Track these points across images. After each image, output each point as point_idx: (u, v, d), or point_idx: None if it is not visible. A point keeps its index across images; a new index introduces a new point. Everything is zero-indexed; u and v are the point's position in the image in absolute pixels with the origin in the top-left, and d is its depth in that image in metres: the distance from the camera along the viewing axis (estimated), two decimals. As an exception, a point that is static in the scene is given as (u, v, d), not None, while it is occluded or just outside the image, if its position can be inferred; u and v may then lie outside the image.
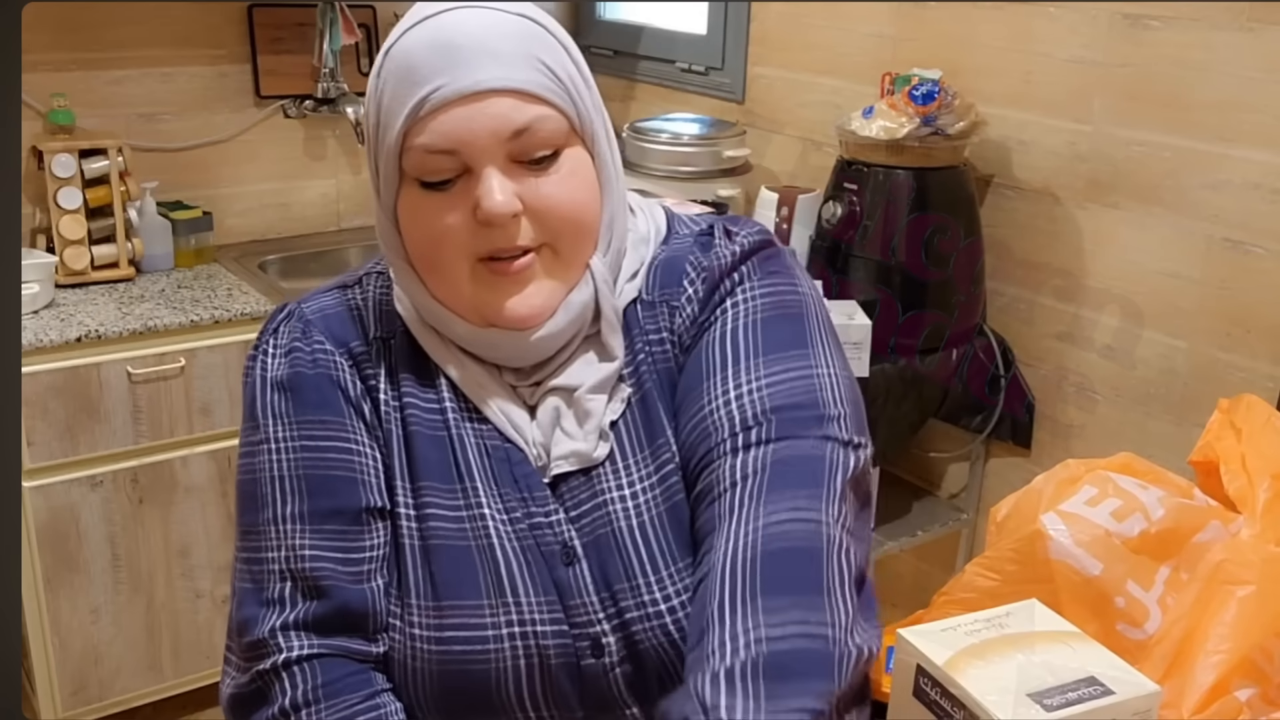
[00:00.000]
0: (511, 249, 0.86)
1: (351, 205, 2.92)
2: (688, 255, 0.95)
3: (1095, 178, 1.95)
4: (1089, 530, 0.85)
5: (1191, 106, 1.79)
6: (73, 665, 2.25)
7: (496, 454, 0.90)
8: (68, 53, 2.47)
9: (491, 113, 0.82)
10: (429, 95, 0.82)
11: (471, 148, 0.83)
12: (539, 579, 0.87)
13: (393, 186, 0.87)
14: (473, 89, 0.82)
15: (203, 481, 2.30)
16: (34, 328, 2.12)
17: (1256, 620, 0.79)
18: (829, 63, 2.40)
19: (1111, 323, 1.98)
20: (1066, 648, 0.74)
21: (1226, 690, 0.78)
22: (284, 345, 0.93)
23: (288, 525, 0.89)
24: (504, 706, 0.87)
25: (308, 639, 0.88)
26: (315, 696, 0.86)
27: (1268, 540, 0.82)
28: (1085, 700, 0.69)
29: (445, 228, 0.85)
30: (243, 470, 0.93)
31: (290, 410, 0.91)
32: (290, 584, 0.89)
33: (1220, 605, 0.80)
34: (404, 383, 0.93)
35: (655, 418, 0.90)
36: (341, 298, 0.97)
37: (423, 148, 0.83)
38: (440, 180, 0.84)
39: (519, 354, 0.90)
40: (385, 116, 0.85)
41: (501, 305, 0.87)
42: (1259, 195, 1.73)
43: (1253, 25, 1.70)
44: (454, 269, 0.87)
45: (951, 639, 0.73)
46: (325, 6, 2.66)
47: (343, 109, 2.74)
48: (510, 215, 0.84)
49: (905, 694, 0.74)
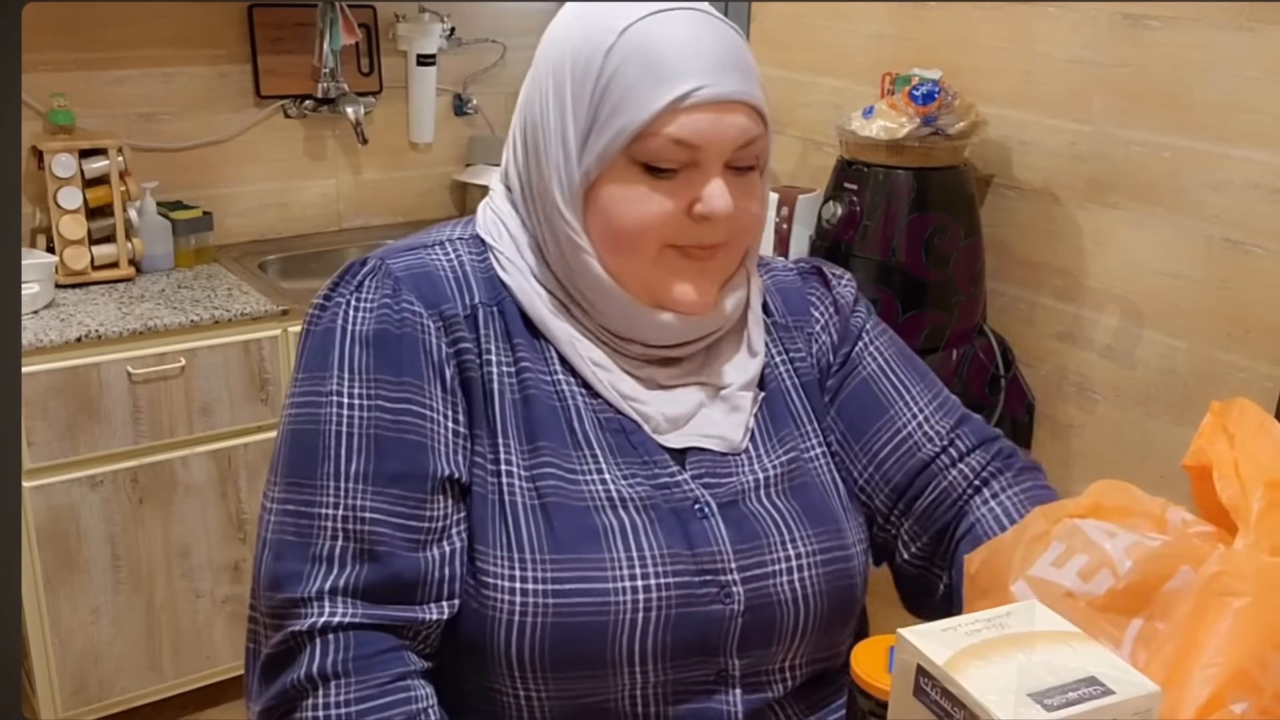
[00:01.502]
0: (707, 243, 0.93)
1: (351, 205, 2.92)
2: (806, 289, 1.09)
3: (1095, 178, 1.95)
4: (1056, 595, 0.85)
5: (1191, 106, 1.79)
6: (73, 665, 2.25)
7: (610, 425, 0.95)
8: (68, 53, 2.47)
9: (735, 122, 0.90)
10: (692, 91, 0.88)
11: (712, 149, 0.89)
12: (666, 533, 0.91)
13: (604, 164, 0.90)
14: (729, 96, 0.89)
15: (203, 481, 2.30)
16: (34, 328, 2.12)
17: (1252, 631, 0.78)
18: (829, 63, 2.40)
19: (1111, 323, 1.98)
20: (1067, 648, 0.74)
21: (1222, 704, 0.77)
22: (371, 301, 0.93)
23: (350, 483, 0.88)
24: (615, 660, 0.88)
25: (351, 606, 0.86)
26: (346, 669, 0.85)
27: (1262, 550, 0.82)
28: (1086, 700, 0.69)
29: (656, 213, 0.91)
30: (299, 419, 0.91)
31: (370, 367, 0.90)
32: (343, 543, 0.87)
33: (1215, 617, 0.80)
34: (518, 348, 0.95)
35: (780, 415, 1.02)
36: (428, 258, 0.97)
37: (670, 138, 0.88)
38: (668, 169, 0.90)
39: (674, 335, 0.96)
40: (620, 96, 0.89)
41: (679, 291, 0.93)
42: (1259, 195, 1.74)
43: (1253, 25, 1.70)
44: (646, 250, 0.92)
45: (952, 639, 0.73)
46: (325, 6, 2.66)
47: (343, 109, 2.74)
48: (727, 216, 0.91)
49: (905, 694, 0.74)
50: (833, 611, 0.96)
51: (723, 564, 0.92)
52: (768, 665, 0.95)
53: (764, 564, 0.93)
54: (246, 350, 2.28)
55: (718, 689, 0.93)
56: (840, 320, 1.08)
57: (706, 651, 0.91)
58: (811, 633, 0.96)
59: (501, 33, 2.99)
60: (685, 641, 0.90)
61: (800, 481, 0.99)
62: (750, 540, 0.94)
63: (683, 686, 0.92)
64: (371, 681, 0.85)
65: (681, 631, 0.90)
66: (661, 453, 0.95)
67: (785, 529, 0.95)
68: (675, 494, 0.93)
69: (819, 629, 0.96)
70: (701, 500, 0.94)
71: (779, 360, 1.04)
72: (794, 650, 0.96)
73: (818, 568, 0.95)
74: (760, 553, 0.93)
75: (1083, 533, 0.87)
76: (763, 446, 0.99)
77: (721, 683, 0.93)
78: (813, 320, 1.07)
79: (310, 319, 0.94)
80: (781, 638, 0.94)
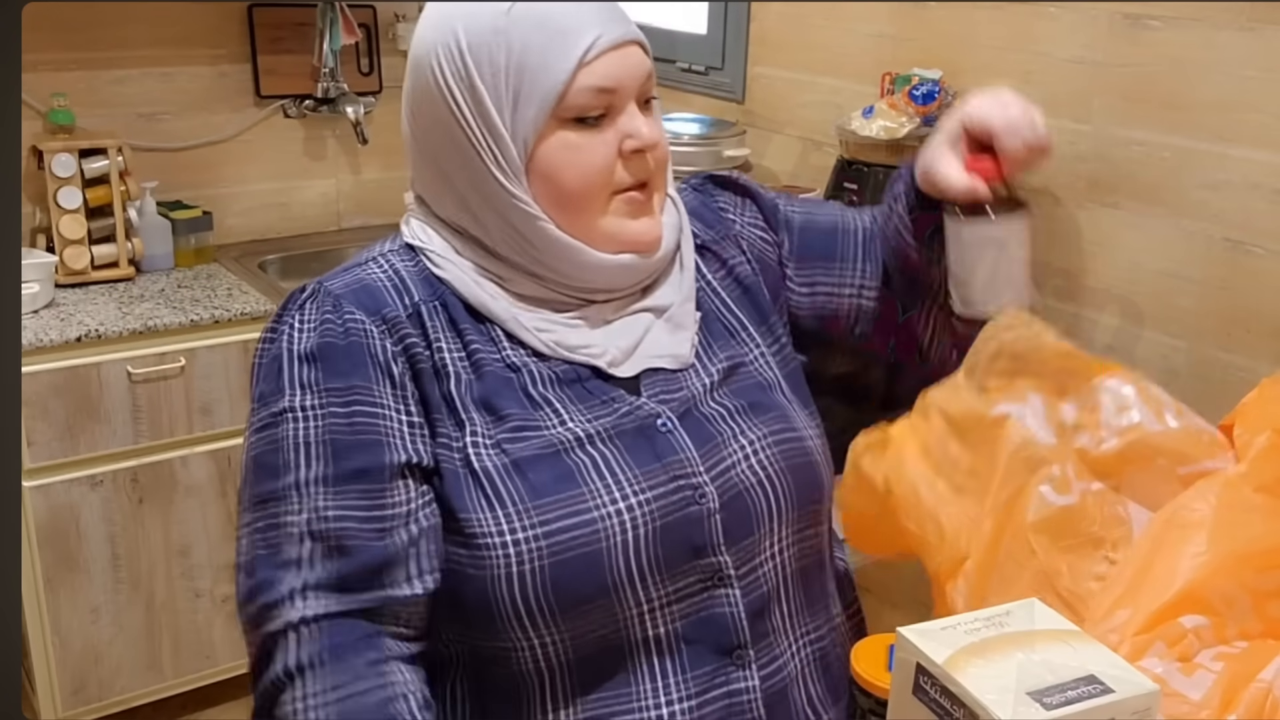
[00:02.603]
0: (644, 179, 0.99)
1: (351, 205, 2.92)
2: (709, 201, 1.15)
3: (1095, 178, 1.95)
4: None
5: (1191, 106, 1.79)
6: (73, 665, 2.25)
7: (567, 377, 0.99)
8: (68, 53, 2.47)
9: (635, 60, 0.97)
10: (596, 40, 0.94)
11: (626, 88, 0.96)
12: (635, 454, 0.96)
13: (537, 130, 0.95)
14: (624, 39, 0.96)
15: (203, 481, 2.30)
16: (34, 328, 2.12)
17: (1209, 556, 0.81)
18: (829, 63, 2.40)
19: (1111, 323, 1.98)
20: (1066, 646, 0.74)
21: (1173, 616, 0.79)
22: (313, 320, 0.96)
23: (311, 489, 0.90)
24: (615, 585, 0.92)
25: (323, 599, 0.88)
26: (320, 659, 0.86)
27: (1248, 484, 0.84)
28: (1085, 699, 0.69)
29: (598, 162, 0.97)
30: (258, 444, 0.93)
31: (318, 379, 0.93)
32: (311, 545, 0.89)
33: (1176, 539, 0.83)
34: (465, 333, 0.99)
35: (717, 333, 1.07)
36: (364, 274, 1.00)
37: (593, 88, 0.94)
38: (596, 116, 0.96)
39: (639, 275, 1.02)
40: (534, 64, 0.94)
41: (636, 231, 1.00)
42: (1259, 195, 1.74)
43: (1253, 25, 1.70)
44: (597, 202, 0.98)
45: (951, 637, 0.74)
46: (325, 6, 2.66)
47: (343, 109, 2.74)
48: (655, 145, 0.98)
49: (905, 693, 0.74)
50: (799, 489, 1.01)
51: (691, 468, 0.97)
52: (757, 556, 0.99)
53: (723, 459, 0.98)
54: (246, 350, 2.28)
55: (717, 589, 0.96)
56: (754, 203, 1.16)
57: (696, 553, 0.95)
58: (785, 511, 1.00)
59: (501, 33, 2.98)
60: (675, 548, 0.94)
61: (740, 383, 1.04)
62: (709, 441, 0.99)
63: (684, 595, 0.95)
64: (346, 669, 0.86)
65: (669, 540, 0.94)
66: (617, 389, 0.99)
67: (734, 423, 1.01)
68: (638, 415, 0.98)
69: (790, 505, 1.01)
70: (662, 415, 0.99)
71: (705, 283, 1.09)
72: (776, 535, 1.00)
73: (771, 449, 1.00)
74: (719, 450, 0.99)
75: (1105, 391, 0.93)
76: (704, 358, 1.04)
77: (719, 583, 0.96)
78: (729, 223, 1.14)
79: (259, 351, 0.98)
80: (759, 522, 0.99)
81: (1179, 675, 0.78)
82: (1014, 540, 0.89)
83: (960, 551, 0.91)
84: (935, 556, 0.92)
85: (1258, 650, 0.79)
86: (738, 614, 0.97)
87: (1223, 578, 0.81)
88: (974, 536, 0.91)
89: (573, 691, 0.94)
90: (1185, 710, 0.76)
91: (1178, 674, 0.78)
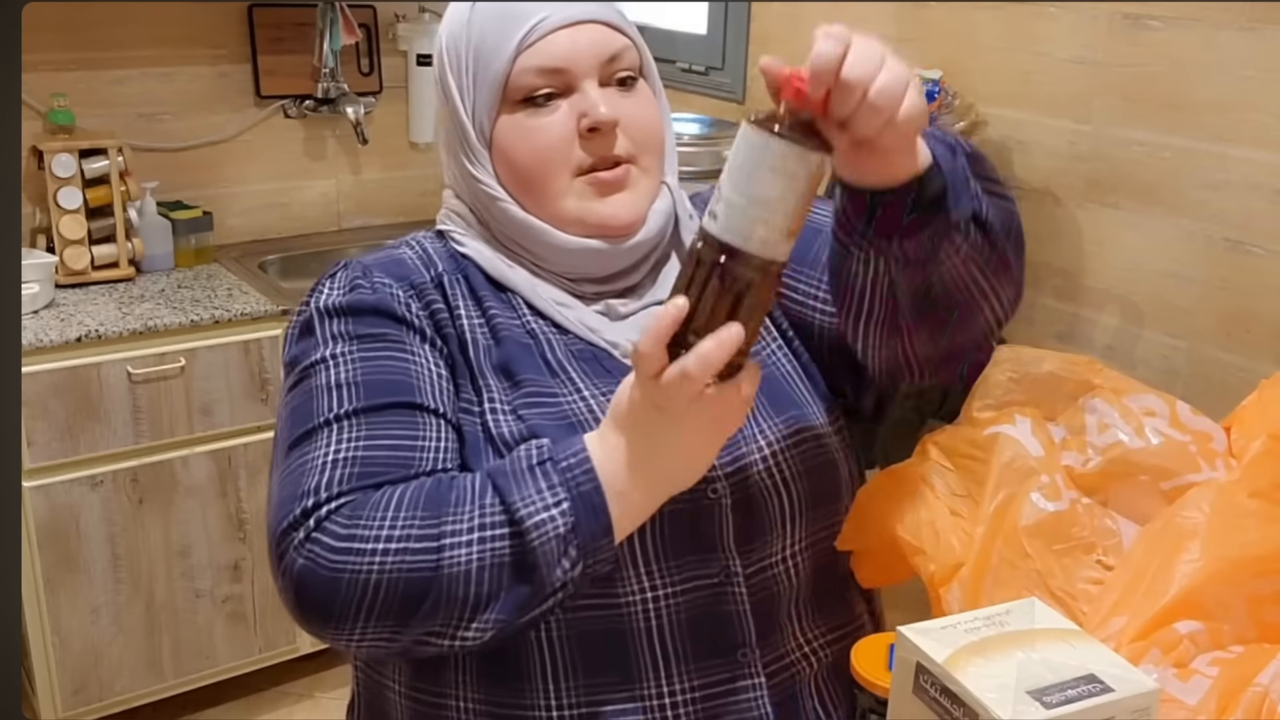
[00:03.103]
0: (610, 158, 0.98)
1: (351, 205, 2.92)
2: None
3: (1095, 178, 1.95)
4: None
5: (1191, 106, 1.79)
6: (73, 665, 2.25)
7: (584, 354, 0.99)
8: (68, 53, 2.47)
9: (591, 38, 0.97)
10: (539, 23, 0.96)
11: (577, 66, 0.96)
12: None
13: (491, 115, 0.98)
14: (575, 18, 0.97)
15: (203, 481, 2.30)
16: (34, 328, 2.12)
17: (1204, 562, 0.81)
18: (829, 63, 2.39)
19: (1111, 323, 1.98)
20: (1066, 645, 0.74)
21: (1168, 622, 0.79)
22: (343, 285, 0.99)
23: (343, 422, 0.90)
24: (620, 570, 0.91)
25: (345, 484, 0.86)
26: (353, 514, 0.84)
27: (1243, 489, 0.84)
28: (1085, 698, 0.69)
29: (551, 142, 0.97)
30: (292, 399, 0.94)
31: (348, 329, 0.96)
32: (339, 468, 0.87)
33: (1171, 545, 0.83)
34: (485, 300, 1.00)
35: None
36: (394, 252, 1.04)
37: (535, 69, 0.96)
38: (546, 95, 0.96)
39: (613, 261, 1.00)
40: (486, 51, 0.97)
41: (604, 214, 0.98)
42: (1259, 195, 1.74)
43: (1253, 25, 1.70)
44: (557, 183, 0.98)
45: (951, 637, 0.74)
46: (325, 6, 2.66)
47: (343, 109, 2.74)
48: (613, 122, 0.96)
49: (905, 691, 0.74)
50: (817, 492, 0.99)
51: None
52: (768, 558, 0.97)
53: (740, 456, 0.97)
54: (246, 350, 2.28)
55: (723, 587, 0.95)
56: None
57: (706, 548, 0.94)
58: (801, 514, 0.98)
59: (501, 33, 2.99)
60: (683, 540, 0.93)
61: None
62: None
63: (689, 588, 0.94)
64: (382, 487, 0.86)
65: (677, 529, 0.93)
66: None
67: (751, 419, 0.98)
68: None
69: (806, 508, 0.99)
70: None
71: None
72: (789, 536, 0.98)
73: (790, 451, 0.99)
74: (735, 446, 0.96)
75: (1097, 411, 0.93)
76: None
77: (728, 582, 0.95)
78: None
79: (293, 323, 1.01)
80: (773, 524, 0.97)
81: (1175, 681, 0.78)
82: (1007, 544, 0.90)
83: (955, 558, 0.91)
84: (930, 563, 0.92)
85: (1254, 655, 0.79)
86: (743, 613, 0.95)
87: (1218, 584, 0.81)
88: (967, 542, 0.91)
89: (575, 671, 0.93)
90: (1182, 715, 0.76)
91: (1174, 680, 0.78)
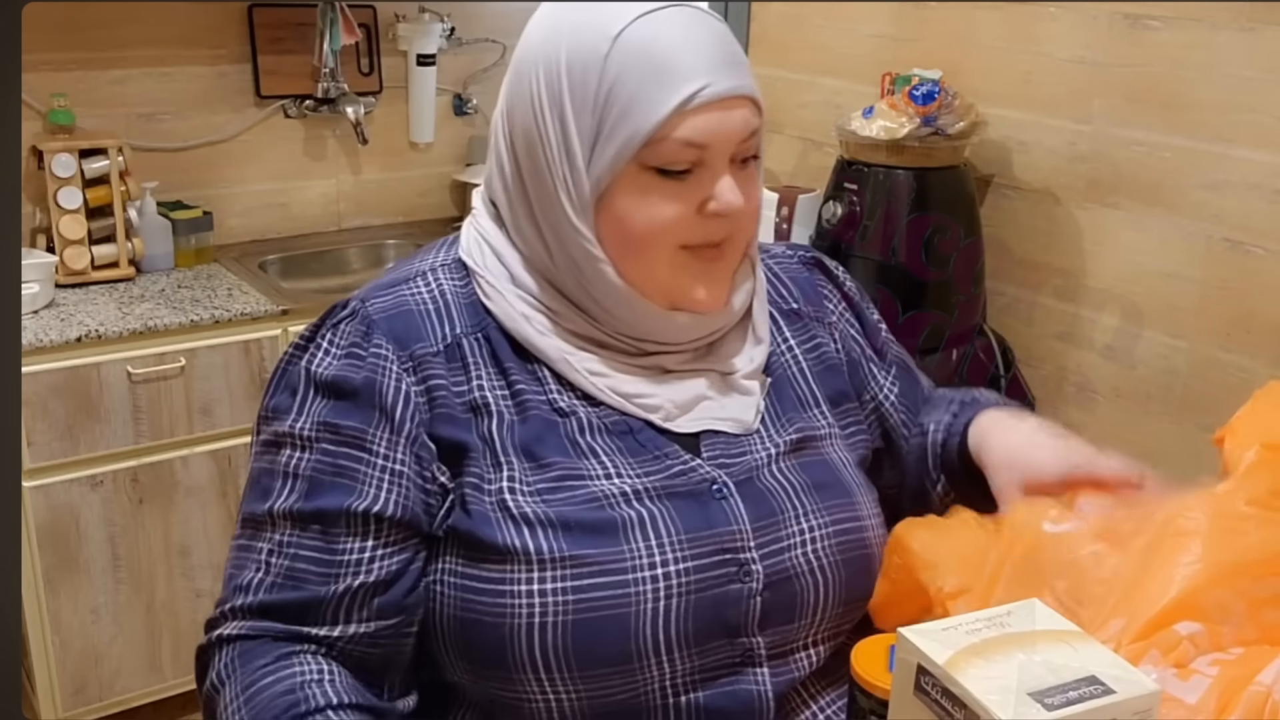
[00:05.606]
0: (717, 240, 0.93)
1: (351, 205, 2.92)
2: (815, 280, 1.12)
3: (1095, 178, 1.96)
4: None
5: (1191, 106, 1.80)
6: (73, 665, 2.25)
7: (617, 428, 0.95)
8: (68, 53, 2.47)
9: (739, 117, 0.90)
10: (698, 92, 0.88)
11: (719, 146, 0.90)
12: (684, 517, 0.92)
13: (615, 169, 0.90)
14: (731, 93, 0.89)
15: (203, 481, 2.30)
16: (34, 328, 2.12)
17: (1203, 564, 0.81)
18: (829, 63, 2.40)
19: (1111, 323, 1.98)
20: (1067, 647, 0.74)
21: (1168, 624, 0.80)
22: (342, 346, 0.94)
23: (281, 520, 0.91)
24: (640, 652, 0.88)
25: (249, 622, 0.90)
26: (232, 668, 0.89)
27: (1239, 499, 0.85)
28: (1086, 699, 0.69)
29: (669, 214, 0.91)
30: (260, 459, 0.94)
31: (324, 415, 0.92)
32: (263, 574, 0.91)
33: (1170, 550, 0.83)
34: (510, 372, 0.95)
35: (787, 399, 1.03)
36: (408, 294, 0.97)
37: (681, 140, 0.88)
38: (679, 170, 0.90)
39: (689, 333, 0.97)
40: (627, 100, 0.88)
41: (695, 292, 0.94)
42: (1259, 195, 1.74)
43: (1253, 25, 1.70)
44: (659, 254, 0.92)
45: (952, 638, 0.74)
46: (325, 6, 2.66)
47: (343, 109, 2.74)
48: (740, 211, 0.92)
49: (906, 693, 0.74)
50: (851, 583, 0.97)
51: (742, 541, 0.92)
52: (793, 642, 0.95)
53: (780, 539, 0.94)
54: (246, 350, 2.28)
55: (745, 669, 0.93)
56: (853, 312, 1.13)
57: (729, 633, 0.92)
58: (832, 606, 0.96)
59: (501, 32, 2.98)
60: (707, 625, 0.90)
61: (809, 457, 1.00)
62: (767, 516, 0.95)
63: (710, 671, 0.92)
64: (251, 668, 0.88)
65: (702, 615, 0.90)
66: (671, 444, 0.95)
67: (798, 502, 0.96)
68: (693, 478, 0.94)
69: (839, 601, 0.96)
70: (719, 480, 0.94)
71: (786, 347, 1.05)
72: (817, 625, 0.96)
73: (831, 539, 0.96)
74: (776, 528, 0.94)
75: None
76: (772, 426, 1.00)
77: (749, 663, 0.93)
78: (828, 311, 1.11)
79: (288, 356, 0.96)
80: (803, 613, 0.95)
81: (1175, 681, 0.78)
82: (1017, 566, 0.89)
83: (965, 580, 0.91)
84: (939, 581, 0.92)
85: (1254, 655, 0.79)
86: (764, 693, 0.93)
87: (1218, 585, 0.81)
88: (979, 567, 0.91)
89: None
90: (1182, 714, 0.76)
91: (1174, 680, 0.78)
